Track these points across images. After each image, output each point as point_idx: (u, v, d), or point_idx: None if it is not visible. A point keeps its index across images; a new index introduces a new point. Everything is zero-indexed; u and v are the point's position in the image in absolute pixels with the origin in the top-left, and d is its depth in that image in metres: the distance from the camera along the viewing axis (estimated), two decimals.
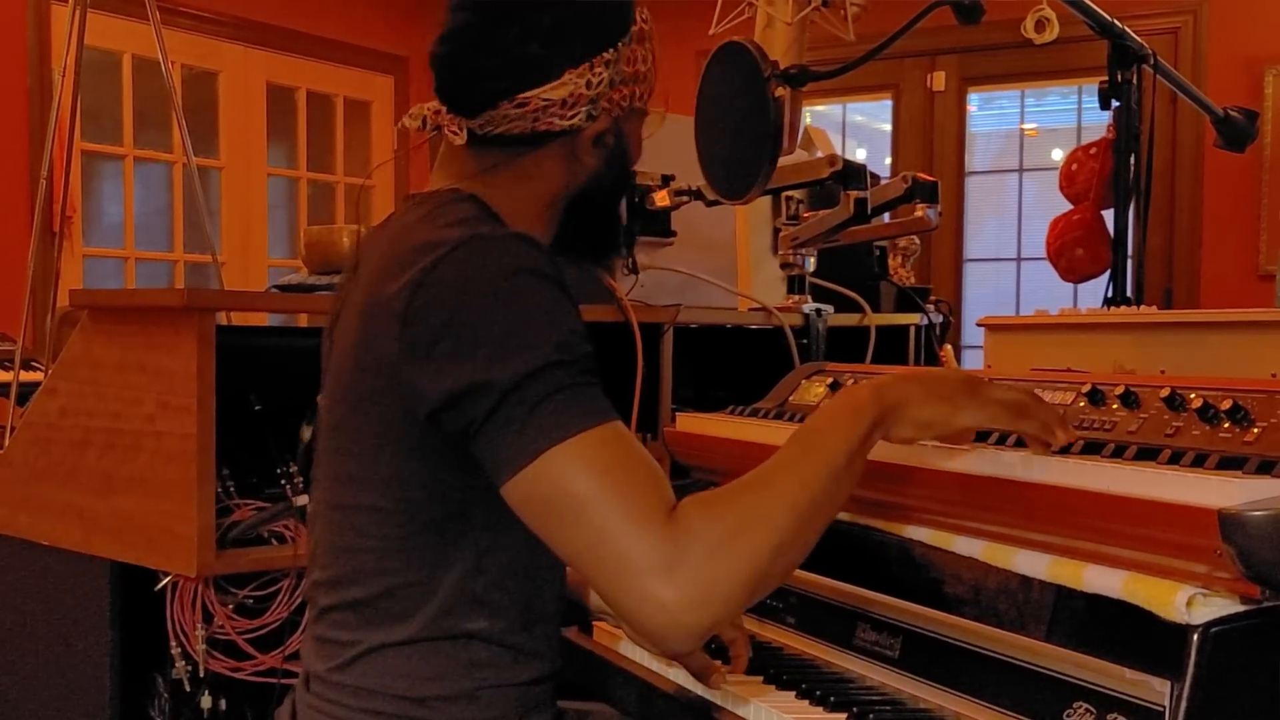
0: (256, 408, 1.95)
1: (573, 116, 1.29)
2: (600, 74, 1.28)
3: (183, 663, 1.81)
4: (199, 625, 1.81)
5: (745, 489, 1.15)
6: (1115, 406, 1.32)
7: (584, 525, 1.09)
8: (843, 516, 1.47)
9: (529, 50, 1.27)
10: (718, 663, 1.43)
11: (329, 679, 1.28)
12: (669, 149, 2.30)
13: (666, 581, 1.06)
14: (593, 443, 1.11)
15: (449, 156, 1.37)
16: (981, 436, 1.35)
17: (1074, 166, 2.50)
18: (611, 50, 1.29)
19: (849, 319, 2.63)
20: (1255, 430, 1.17)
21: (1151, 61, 2.14)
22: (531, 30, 1.27)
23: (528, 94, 1.27)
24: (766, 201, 2.61)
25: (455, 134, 1.31)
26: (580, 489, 1.09)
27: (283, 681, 1.82)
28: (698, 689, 1.41)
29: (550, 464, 1.10)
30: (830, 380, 1.76)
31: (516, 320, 1.14)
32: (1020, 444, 1.31)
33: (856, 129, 6.28)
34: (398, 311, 1.17)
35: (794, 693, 1.37)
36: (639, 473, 1.11)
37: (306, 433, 1.86)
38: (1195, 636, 1.04)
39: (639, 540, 1.07)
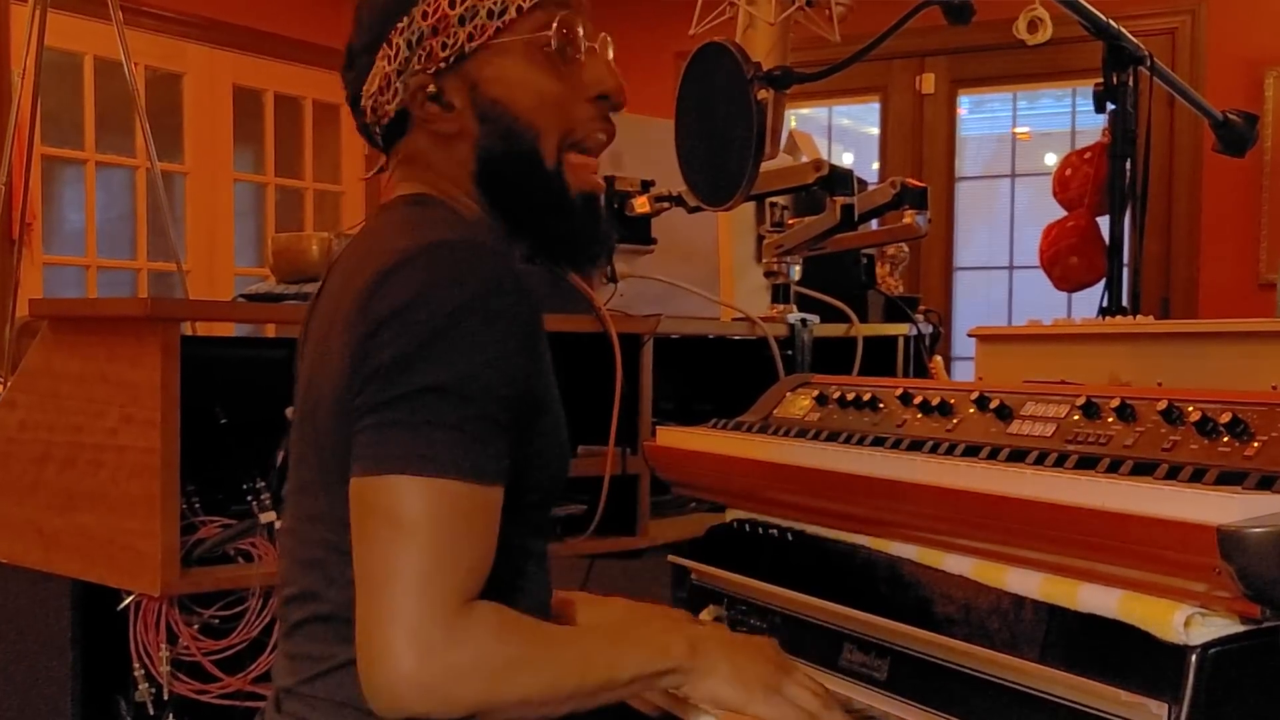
0: (222, 421, 1.91)
1: (394, 98, 1.31)
2: (397, 44, 1.29)
3: (146, 685, 1.78)
4: (163, 646, 1.77)
5: (540, 640, 1.18)
6: (1111, 420, 1.30)
7: (387, 556, 1.10)
8: (829, 533, 1.48)
9: (360, 58, 1.32)
10: None
11: (301, 692, 1.26)
12: (649, 153, 2.26)
13: (415, 654, 1.07)
14: (452, 495, 1.11)
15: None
16: (973, 450, 1.33)
17: (1068, 171, 2.49)
18: (404, 18, 1.29)
19: (835, 329, 2.60)
20: (1255, 444, 1.15)
21: (1148, 63, 2.13)
22: (358, 36, 1.33)
23: (362, 99, 1.33)
24: (750, 208, 2.58)
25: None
26: (408, 523, 1.09)
27: (249, 704, 1.78)
28: (676, 709, 1.38)
29: (403, 486, 1.10)
30: (816, 393, 1.72)
31: (459, 345, 1.13)
32: (1013, 457, 1.29)
33: (843, 133, 6.26)
34: (358, 305, 1.18)
35: None
36: (470, 550, 1.12)
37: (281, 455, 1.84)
38: (1193, 657, 1.03)
39: (421, 604, 1.08)
